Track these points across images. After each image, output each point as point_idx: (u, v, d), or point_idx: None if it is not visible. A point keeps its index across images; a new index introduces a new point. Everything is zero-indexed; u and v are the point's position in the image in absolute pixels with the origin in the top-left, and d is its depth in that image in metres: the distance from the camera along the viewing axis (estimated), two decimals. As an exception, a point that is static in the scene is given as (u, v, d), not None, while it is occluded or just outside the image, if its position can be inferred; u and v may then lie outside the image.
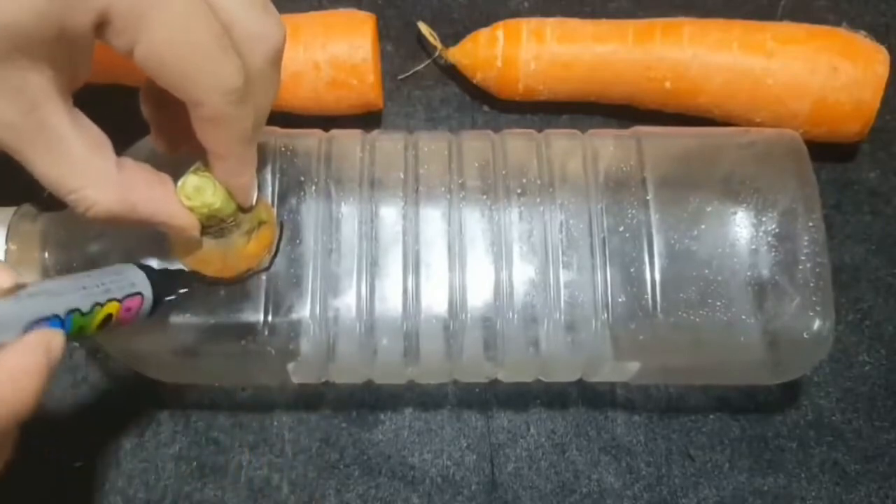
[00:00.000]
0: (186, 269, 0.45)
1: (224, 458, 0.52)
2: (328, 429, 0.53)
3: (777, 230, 0.47)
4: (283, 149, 0.49)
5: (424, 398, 0.53)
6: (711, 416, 0.53)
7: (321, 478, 0.51)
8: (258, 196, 0.46)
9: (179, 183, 0.42)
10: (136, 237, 0.46)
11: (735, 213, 0.47)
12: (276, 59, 0.40)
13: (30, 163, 0.37)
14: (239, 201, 0.43)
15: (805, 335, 0.46)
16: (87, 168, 0.38)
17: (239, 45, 0.38)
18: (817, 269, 0.46)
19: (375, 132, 0.51)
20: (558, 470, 0.52)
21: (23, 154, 0.36)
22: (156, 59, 0.36)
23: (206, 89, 0.37)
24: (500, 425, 0.53)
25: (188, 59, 0.36)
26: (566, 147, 0.50)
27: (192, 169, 0.42)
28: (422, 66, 0.61)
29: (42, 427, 0.52)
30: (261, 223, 0.45)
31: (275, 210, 0.47)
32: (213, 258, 0.45)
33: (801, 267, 0.46)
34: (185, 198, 0.41)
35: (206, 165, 0.42)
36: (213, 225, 0.43)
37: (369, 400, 0.53)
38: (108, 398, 0.53)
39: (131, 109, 0.60)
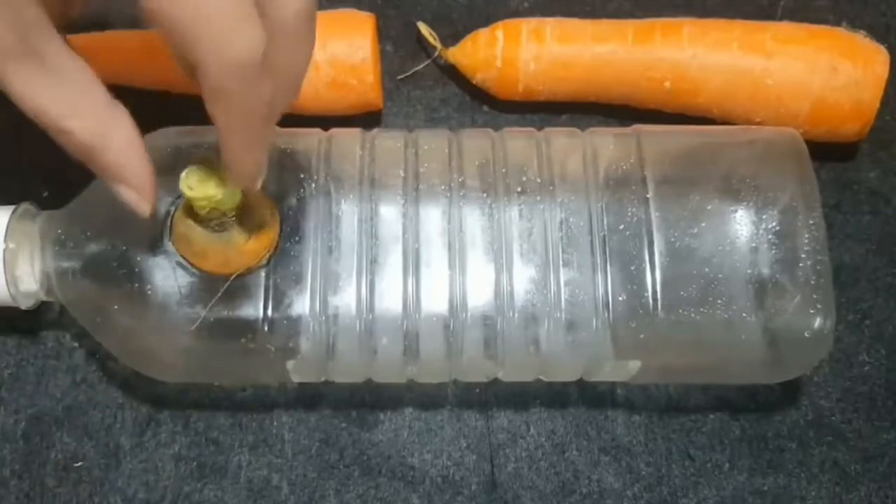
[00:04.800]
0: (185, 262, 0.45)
1: (224, 458, 0.52)
2: (328, 429, 0.53)
3: (777, 228, 0.47)
4: (282, 147, 0.49)
5: (424, 398, 0.53)
6: (711, 416, 0.53)
7: (321, 478, 0.51)
8: (262, 196, 0.45)
9: (184, 172, 0.41)
10: (135, 233, 0.46)
11: (735, 210, 0.47)
12: (310, 15, 0.38)
13: (9, 87, 0.36)
14: (241, 183, 0.41)
15: (806, 333, 0.46)
16: (75, 96, 0.37)
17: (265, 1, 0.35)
18: (818, 267, 0.46)
19: (375, 130, 0.51)
20: (558, 470, 0.52)
21: (5, 77, 0.35)
22: (165, 14, 0.33)
23: (213, 58, 0.34)
24: (500, 425, 0.53)
25: (198, 19, 0.33)
26: (566, 145, 0.50)
27: (198, 158, 0.41)
28: (422, 66, 0.61)
29: (42, 427, 0.52)
30: (263, 222, 0.45)
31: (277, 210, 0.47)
32: (211, 252, 0.44)
33: (801, 265, 0.46)
34: (188, 188, 0.41)
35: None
36: (214, 218, 0.43)
37: (369, 400, 0.53)
38: (107, 398, 0.53)
39: (131, 109, 0.60)
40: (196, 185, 0.41)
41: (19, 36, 0.34)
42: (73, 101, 0.37)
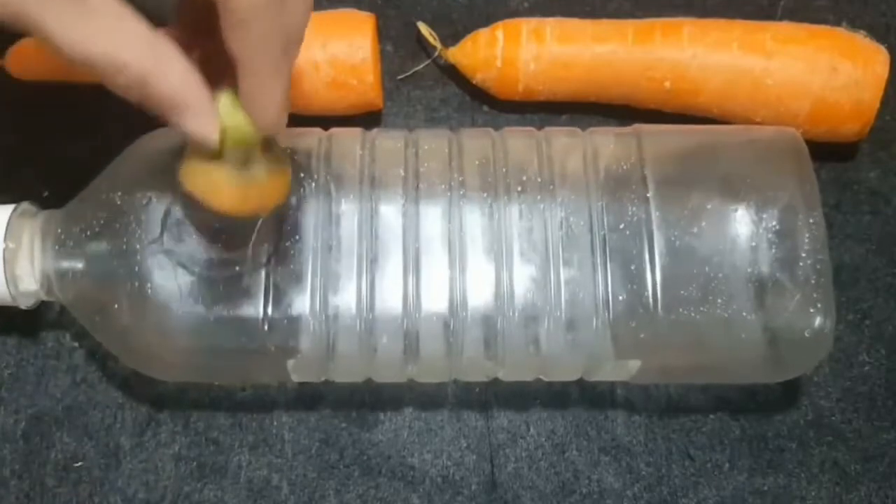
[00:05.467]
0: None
1: (224, 458, 0.52)
2: (328, 429, 0.53)
3: (777, 227, 0.47)
4: (282, 146, 0.49)
5: (424, 398, 0.53)
6: (711, 416, 0.53)
7: (321, 478, 0.51)
8: (278, 144, 0.45)
9: (218, 96, 0.40)
10: (134, 231, 0.46)
11: (735, 210, 0.47)
12: None
13: (56, 31, 0.35)
14: (266, 122, 0.40)
15: (806, 333, 0.46)
16: (122, 29, 0.36)
17: None
18: (818, 266, 0.46)
19: (375, 130, 0.51)
20: (558, 470, 0.52)
21: (41, 18, 0.35)
22: None
23: None
24: (500, 425, 0.53)
25: None
26: (566, 144, 0.50)
27: (230, 89, 0.40)
28: (422, 66, 0.61)
29: (42, 427, 0.52)
30: (280, 163, 0.44)
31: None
32: (226, 188, 0.43)
33: (801, 264, 0.46)
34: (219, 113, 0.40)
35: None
36: (236, 152, 0.41)
37: (369, 400, 0.53)
38: (107, 398, 0.53)
39: (131, 109, 0.60)
40: (227, 113, 0.40)
41: None
42: (119, 35, 0.36)
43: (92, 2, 0.36)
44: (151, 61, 0.37)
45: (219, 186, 0.42)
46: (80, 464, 0.51)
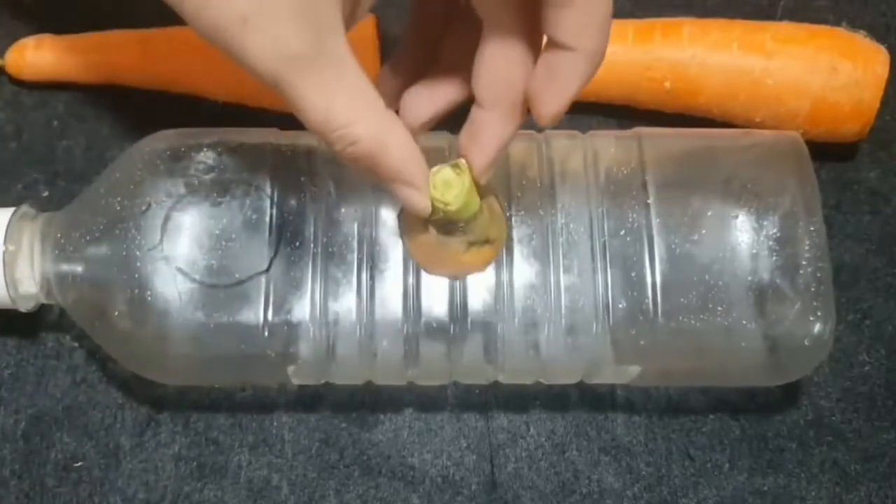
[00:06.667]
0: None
1: (224, 458, 0.52)
2: (328, 429, 0.52)
3: (778, 234, 0.47)
4: (283, 149, 0.49)
5: (424, 399, 0.53)
6: (711, 417, 0.53)
7: (321, 478, 0.51)
8: (496, 212, 0.46)
9: (434, 170, 0.41)
10: (134, 237, 0.46)
11: (736, 216, 0.47)
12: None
13: (299, 96, 0.35)
14: (482, 164, 0.42)
15: (806, 341, 0.46)
16: (360, 102, 0.36)
17: None
18: (818, 274, 0.46)
19: (375, 133, 0.51)
20: (558, 470, 0.52)
21: (295, 86, 0.35)
22: None
23: None
24: (500, 426, 0.53)
25: None
26: (567, 147, 0.50)
27: (452, 162, 0.42)
28: (421, 66, 0.61)
29: (42, 427, 0.52)
30: (488, 240, 0.45)
31: (512, 230, 0.47)
32: (424, 248, 0.45)
33: (801, 272, 0.46)
34: (432, 187, 0.41)
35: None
36: (440, 221, 0.43)
37: (369, 401, 0.53)
38: (107, 398, 0.53)
39: (131, 109, 0.60)
40: (440, 186, 0.42)
41: (315, 38, 0.34)
42: (358, 106, 0.37)
43: (342, 70, 0.36)
44: (380, 138, 0.37)
45: (415, 240, 0.45)
46: (80, 464, 0.51)
